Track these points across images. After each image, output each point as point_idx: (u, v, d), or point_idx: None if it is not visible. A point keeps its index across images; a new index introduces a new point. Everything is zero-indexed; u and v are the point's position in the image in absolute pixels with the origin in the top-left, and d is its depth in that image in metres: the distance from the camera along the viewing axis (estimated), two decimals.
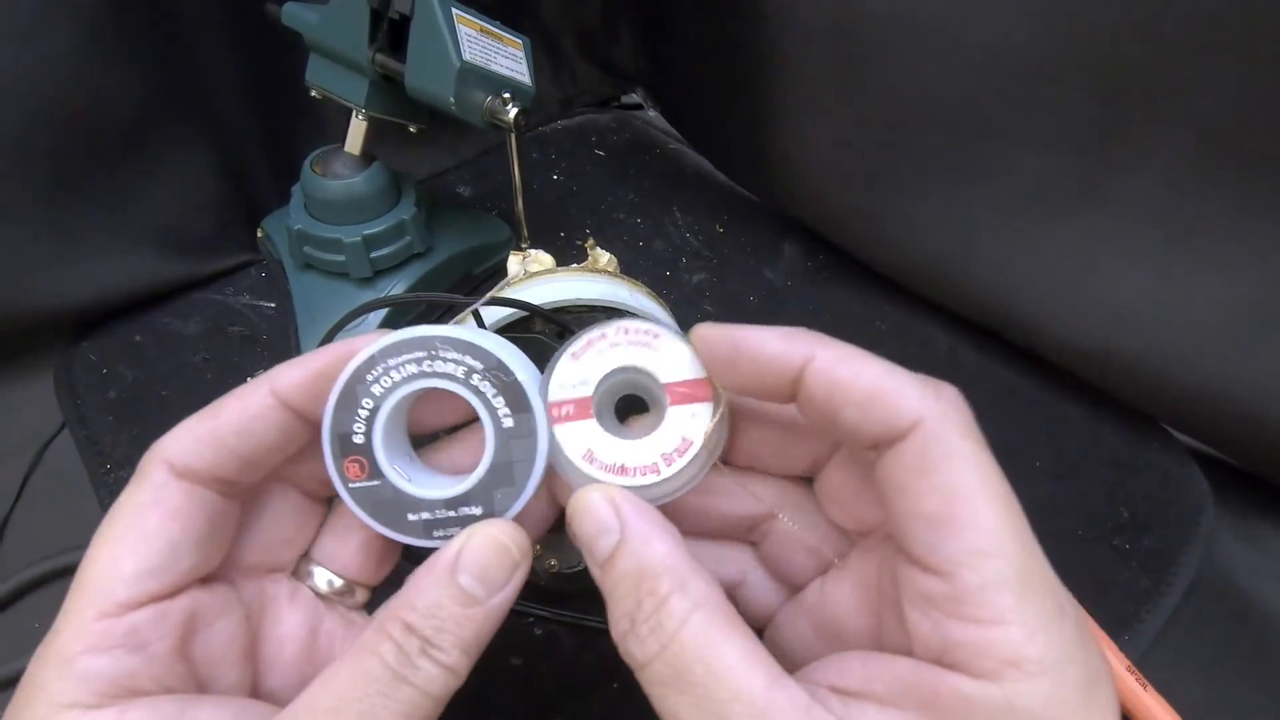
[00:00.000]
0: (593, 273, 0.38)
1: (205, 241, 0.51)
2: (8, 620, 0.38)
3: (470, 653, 0.20)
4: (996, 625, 0.17)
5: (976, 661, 0.17)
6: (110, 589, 0.20)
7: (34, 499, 0.42)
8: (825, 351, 0.20)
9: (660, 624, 0.18)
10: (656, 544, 0.19)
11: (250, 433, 0.21)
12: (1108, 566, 0.39)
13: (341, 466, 0.21)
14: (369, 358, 0.21)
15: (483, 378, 0.21)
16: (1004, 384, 0.48)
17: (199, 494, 0.21)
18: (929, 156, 0.44)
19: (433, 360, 0.21)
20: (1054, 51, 0.37)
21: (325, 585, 0.24)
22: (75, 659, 0.19)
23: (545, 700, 0.34)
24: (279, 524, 0.24)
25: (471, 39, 0.41)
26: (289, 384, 0.21)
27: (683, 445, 0.21)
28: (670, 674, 0.18)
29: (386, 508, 0.22)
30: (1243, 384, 0.39)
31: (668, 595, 0.19)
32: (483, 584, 0.20)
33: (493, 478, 0.21)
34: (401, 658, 0.19)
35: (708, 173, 0.63)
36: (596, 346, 0.22)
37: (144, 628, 0.20)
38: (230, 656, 0.22)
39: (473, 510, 0.21)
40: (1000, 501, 0.18)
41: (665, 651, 0.18)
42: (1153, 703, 0.34)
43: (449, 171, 0.61)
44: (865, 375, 0.19)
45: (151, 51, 0.44)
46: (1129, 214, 0.39)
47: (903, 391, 0.19)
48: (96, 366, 0.47)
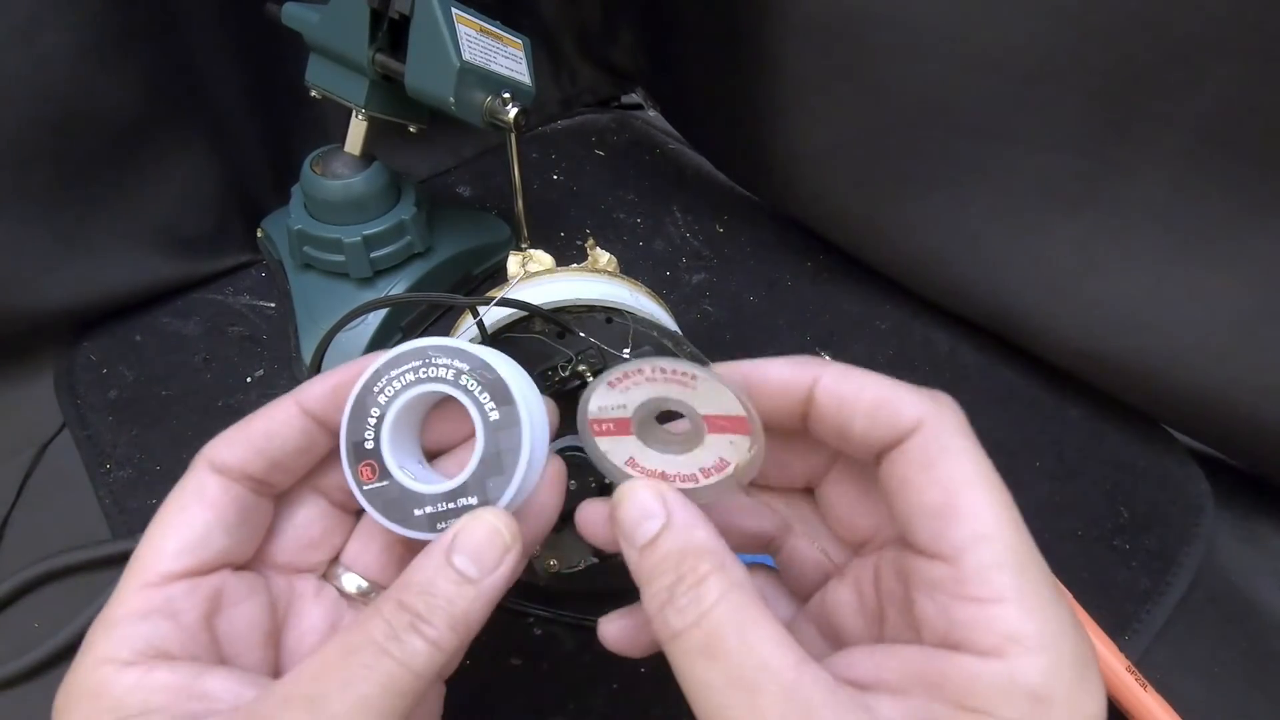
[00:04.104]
0: (593, 273, 0.38)
1: (205, 241, 0.51)
2: (8, 620, 0.38)
3: (458, 630, 0.21)
4: (997, 603, 0.18)
5: (980, 639, 0.18)
6: (154, 563, 0.22)
7: (34, 499, 0.42)
8: (830, 371, 0.22)
9: (699, 596, 0.19)
10: (699, 531, 0.21)
11: (275, 436, 0.24)
12: (1108, 566, 0.39)
13: (356, 471, 0.24)
14: (375, 371, 0.24)
15: (469, 377, 0.23)
16: (1004, 384, 0.48)
17: (231, 488, 0.23)
18: (929, 156, 0.44)
19: (427, 367, 0.24)
20: (1054, 52, 0.37)
21: (354, 588, 0.26)
22: (119, 622, 0.21)
23: (545, 700, 0.34)
24: (308, 528, 0.26)
25: (471, 39, 0.41)
26: (311, 396, 0.24)
27: (720, 464, 0.22)
28: (703, 643, 0.19)
29: (395, 505, 0.23)
30: (1243, 384, 0.39)
31: (708, 574, 0.20)
32: (476, 564, 0.21)
33: (484, 468, 0.23)
34: (388, 632, 0.20)
35: (708, 173, 0.63)
36: (633, 379, 0.22)
37: (178, 598, 0.22)
38: (253, 638, 0.24)
39: (469, 500, 0.23)
40: (995, 492, 0.20)
41: (702, 621, 0.19)
42: (1153, 703, 0.34)
43: (449, 171, 0.62)
44: (869, 387, 0.21)
45: (151, 51, 0.44)
46: (1129, 214, 0.39)
47: (904, 398, 0.21)
48: (96, 366, 0.47)
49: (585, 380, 0.31)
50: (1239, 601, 0.39)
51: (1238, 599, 0.39)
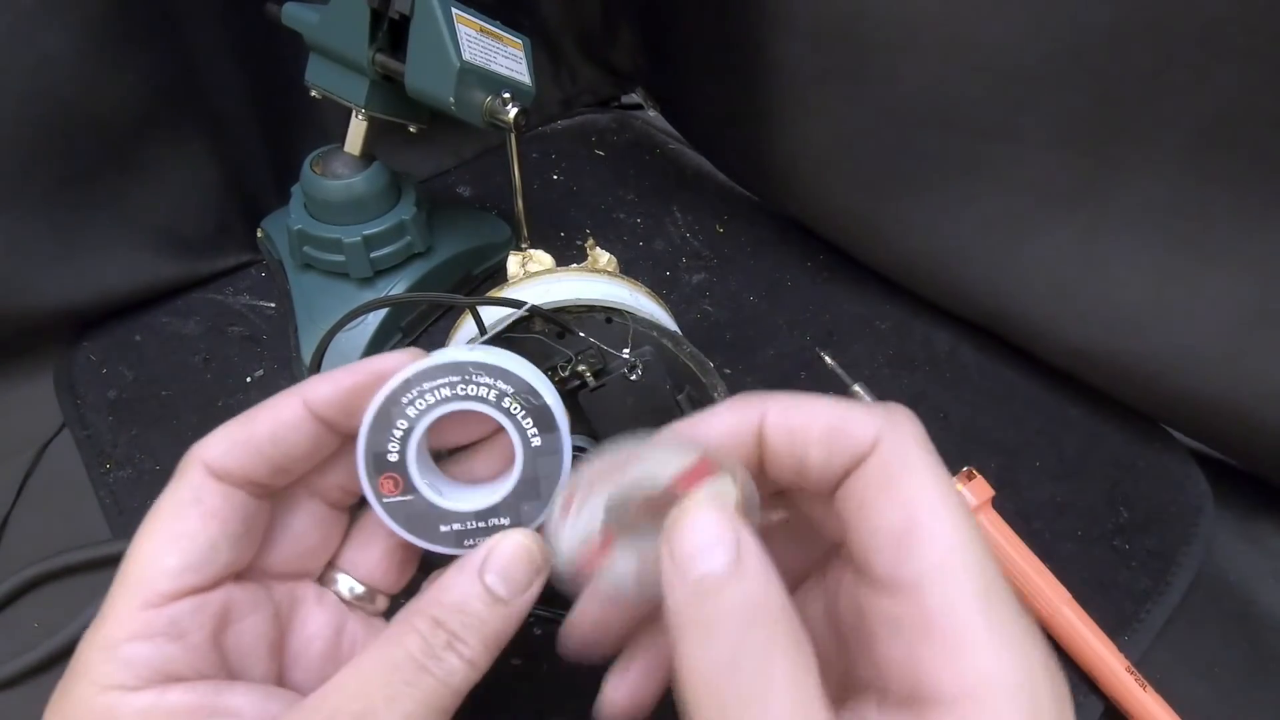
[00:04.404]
0: (593, 273, 0.38)
1: (205, 241, 0.51)
2: (8, 620, 0.38)
3: (490, 649, 0.21)
4: (969, 646, 0.17)
5: (951, 684, 0.17)
6: (154, 581, 0.21)
7: (34, 499, 0.42)
8: (774, 405, 0.21)
9: (767, 681, 0.17)
10: (774, 587, 0.18)
11: (282, 439, 0.22)
12: (1108, 566, 0.39)
13: (376, 483, 0.23)
14: (405, 381, 0.22)
15: (513, 400, 0.23)
16: (1004, 384, 0.48)
17: (234, 495, 0.22)
18: (929, 156, 0.44)
19: (466, 384, 0.23)
20: (1054, 51, 0.37)
21: (348, 591, 0.26)
22: (120, 645, 0.20)
23: (545, 700, 0.34)
24: (306, 532, 0.25)
25: (471, 39, 0.41)
26: (320, 398, 0.23)
27: None
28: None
29: (419, 520, 0.23)
30: (1243, 384, 0.39)
31: (779, 651, 0.17)
32: (506, 585, 0.21)
33: (521, 491, 0.23)
34: (426, 649, 0.20)
35: (708, 173, 0.63)
36: (579, 497, 0.21)
37: (183, 618, 0.21)
38: (259, 650, 0.23)
39: (501, 521, 0.23)
40: (958, 512, 0.19)
41: (763, 710, 0.17)
42: (1152, 703, 0.34)
43: (449, 171, 0.62)
44: (819, 415, 0.20)
45: (151, 51, 0.44)
46: (1129, 214, 0.39)
47: (857, 419, 0.20)
48: (96, 366, 0.47)
49: (585, 380, 0.31)
50: (1239, 601, 0.39)
51: (1238, 599, 0.39)
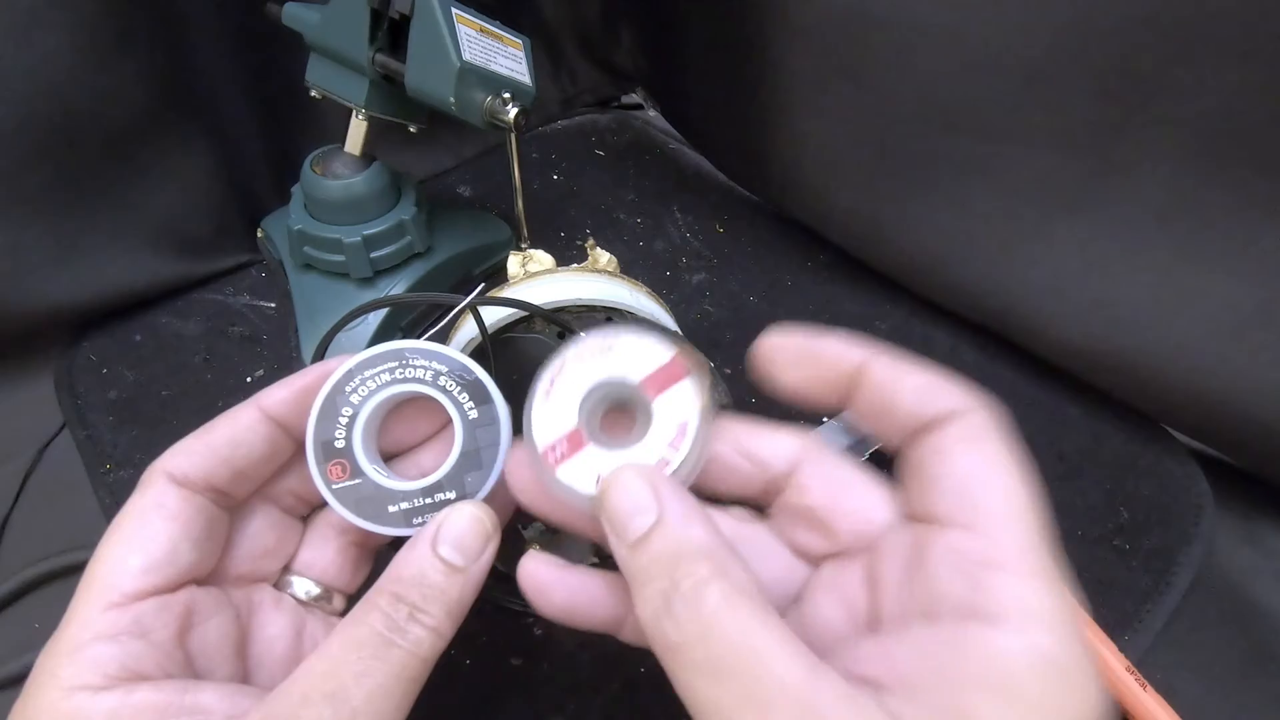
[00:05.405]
0: (593, 273, 0.38)
1: (205, 241, 0.51)
2: (8, 620, 0.38)
3: (454, 616, 0.22)
4: (1029, 577, 0.19)
5: (1006, 609, 0.18)
6: (118, 583, 0.21)
7: (34, 499, 0.42)
8: (886, 354, 0.22)
9: (699, 607, 0.18)
10: (695, 528, 0.20)
11: (240, 444, 0.24)
12: (1108, 566, 0.39)
13: (325, 470, 0.24)
14: (347, 371, 0.24)
15: (448, 379, 0.24)
16: (1004, 384, 0.48)
17: (195, 500, 0.23)
18: (929, 156, 0.44)
19: (404, 368, 0.24)
20: (1054, 51, 0.37)
21: (304, 594, 0.26)
22: (85, 646, 0.20)
23: (545, 700, 0.34)
24: (262, 537, 0.26)
25: (471, 39, 0.41)
26: (274, 401, 0.24)
27: (682, 428, 0.22)
28: (707, 660, 0.18)
29: (368, 503, 0.24)
30: (1243, 384, 0.39)
31: (708, 579, 0.18)
32: (461, 553, 0.22)
33: (463, 464, 0.24)
34: (390, 623, 0.21)
35: (708, 173, 0.63)
36: (562, 376, 0.22)
37: (147, 617, 0.21)
38: (224, 651, 0.24)
39: (447, 495, 0.24)
40: (1026, 477, 0.21)
41: (705, 636, 0.18)
42: (1153, 703, 0.34)
43: (449, 171, 0.62)
44: (923, 371, 0.22)
45: (151, 51, 0.43)
46: (1129, 214, 0.39)
47: (953, 387, 0.22)
48: (96, 366, 0.47)
49: None
50: (1239, 601, 0.39)
51: (1238, 599, 0.39)
